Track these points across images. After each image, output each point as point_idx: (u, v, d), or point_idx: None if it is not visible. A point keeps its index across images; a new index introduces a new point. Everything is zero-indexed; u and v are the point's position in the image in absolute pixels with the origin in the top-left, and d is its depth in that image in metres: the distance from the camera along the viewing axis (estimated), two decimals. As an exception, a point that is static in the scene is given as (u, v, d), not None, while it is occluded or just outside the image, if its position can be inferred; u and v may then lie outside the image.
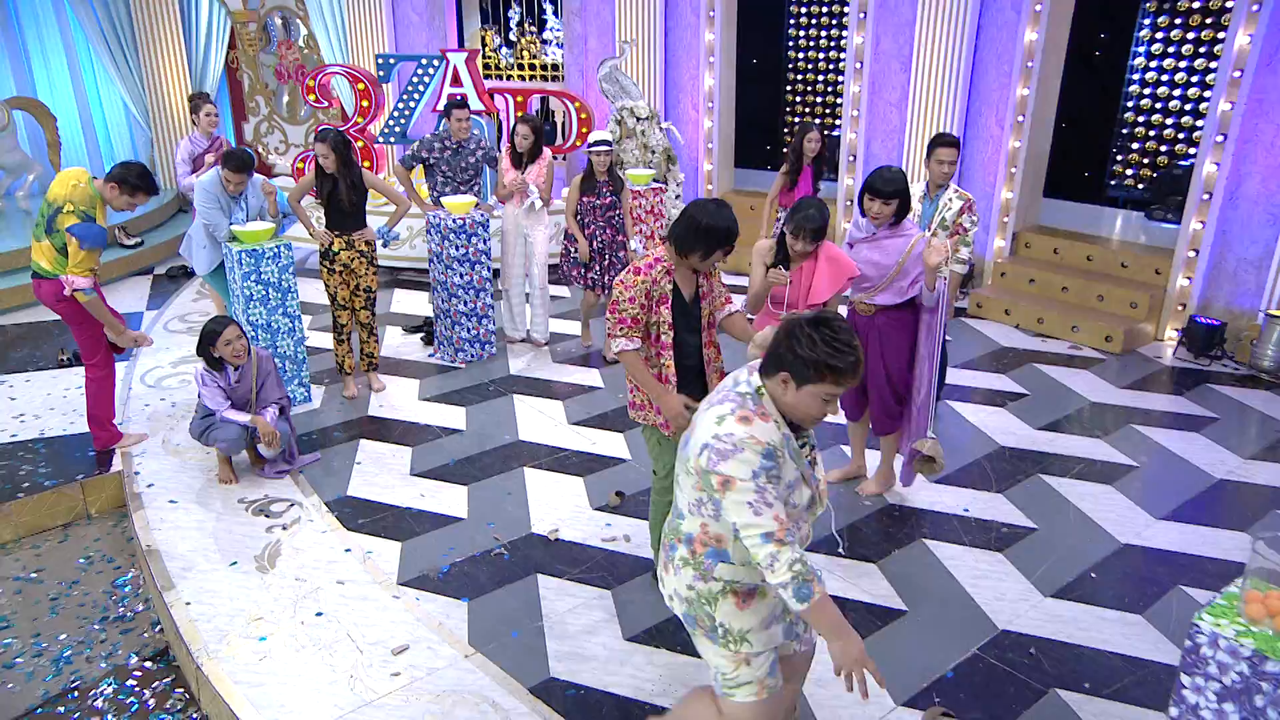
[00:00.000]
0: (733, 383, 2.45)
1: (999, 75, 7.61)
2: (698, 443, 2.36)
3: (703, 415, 2.42)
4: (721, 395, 2.43)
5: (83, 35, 10.77)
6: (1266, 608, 2.16)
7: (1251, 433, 5.60)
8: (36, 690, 3.77)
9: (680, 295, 3.61)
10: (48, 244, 4.81)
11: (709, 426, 2.34)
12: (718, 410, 2.37)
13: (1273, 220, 6.45)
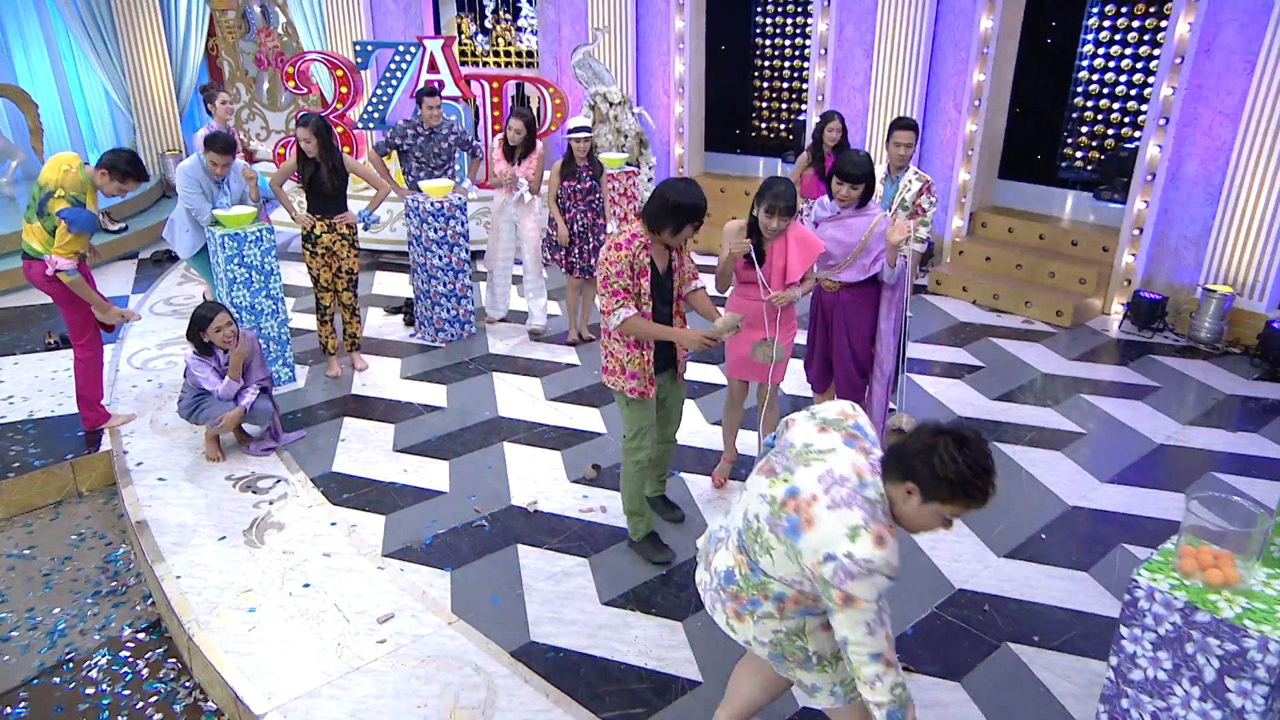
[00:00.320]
0: (856, 480, 2.18)
1: (956, 61, 7.63)
2: (818, 548, 2.14)
3: (826, 513, 2.16)
4: (847, 495, 2.16)
5: (62, 23, 10.52)
6: (1198, 562, 2.22)
7: (1190, 400, 5.71)
8: (32, 662, 3.74)
9: (656, 269, 3.68)
10: (38, 226, 4.74)
11: (837, 536, 2.11)
12: (848, 518, 2.13)
13: (1210, 200, 6.54)
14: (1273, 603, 2.15)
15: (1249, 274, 6.35)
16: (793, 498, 2.24)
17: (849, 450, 2.26)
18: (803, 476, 2.25)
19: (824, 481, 2.21)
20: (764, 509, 2.31)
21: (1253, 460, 4.95)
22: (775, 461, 2.38)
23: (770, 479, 2.34)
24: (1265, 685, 2.07)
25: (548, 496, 4.56)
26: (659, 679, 3.35)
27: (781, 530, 2.24)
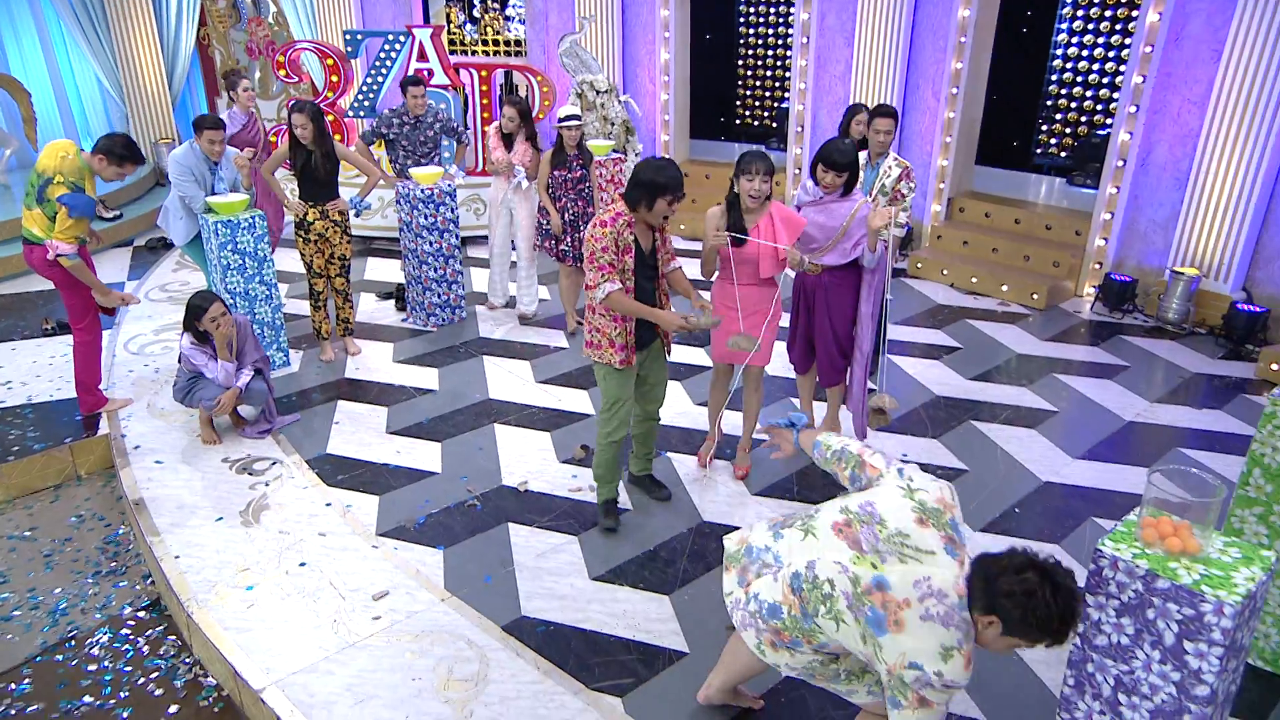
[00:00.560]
0: (956, 599, 2.15)
1: (935, 50, 7.63)
2: (905, 654, 2.13)
3: (919, 624, 2.13)
4: (945, 612, 2.13)
5: (54, 11, 10.37)
6: (1159, 532, 2.26)
7: (1158, 378, 5.78)
8: (35, 640, 3.75)
9: (640, 247, 3.76)
10: (39, 212, 4.72)
11: (929, 651, 2.11)
12: (943, 636, 2.12)
13: (1178, 185, 6.59)
14: (1228, 569, 2.19)
15: (1215, 257, 6.40)
16: (880, 590, 2.17)
17: (950, 561, 2.19)
18: (895, 573, 2.18)
19: (919, 589, 2.15)
20: (843, 582, 2.23)
21: (1217, 436, 5.02)
22: (862, 533, 2.27)
23: (856, 554, 2.25)
24: (1220, 647, 2.12)
25: (538, 476, 4.58)
26: (647, 650, 3.39)
27: (863, 616, 2.19)
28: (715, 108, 9.86)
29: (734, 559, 2.62)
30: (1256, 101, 5.96)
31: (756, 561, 2.53)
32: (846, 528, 2.31)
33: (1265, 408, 3.08)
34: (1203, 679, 2.16)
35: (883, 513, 2.28)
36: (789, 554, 2.42)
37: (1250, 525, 3.19)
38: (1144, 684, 2.26)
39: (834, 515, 2.38)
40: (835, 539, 2.31)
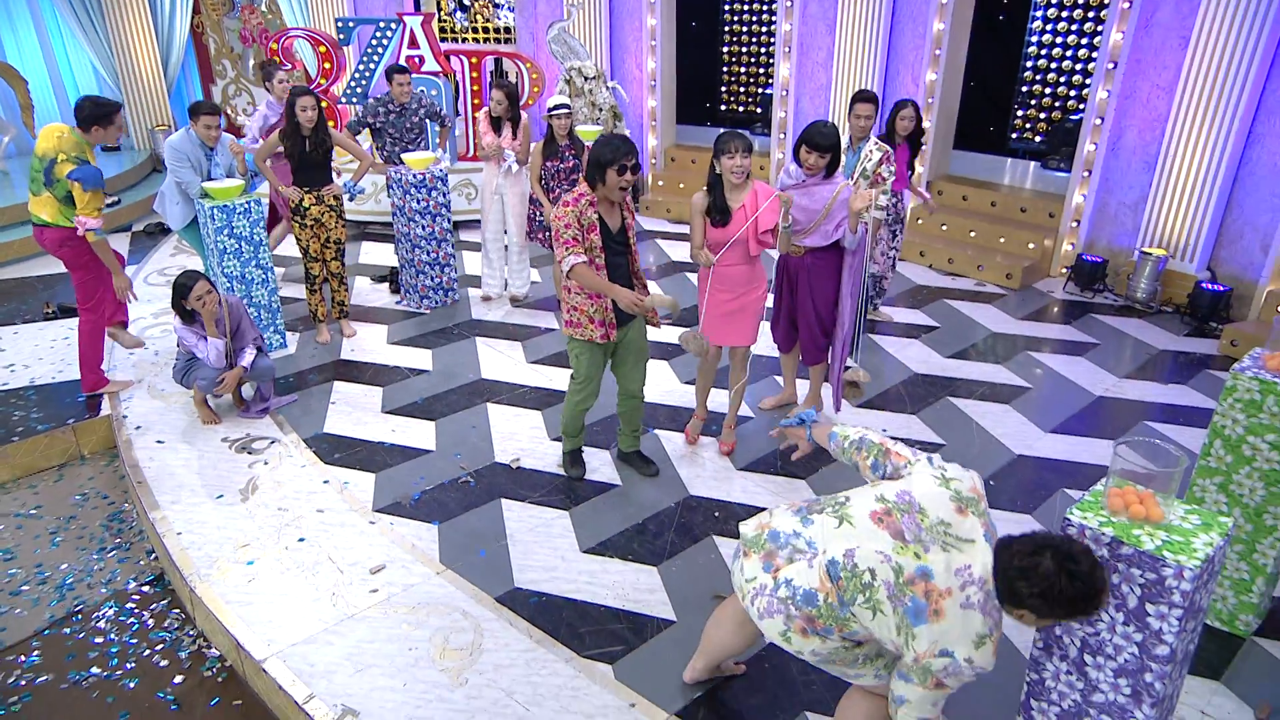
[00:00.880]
0: (994, 588, 2.12)
1: (914, 38, 7.60)
2: (938, 640, 2.11)
3: (958, 611, 2.11)
4: (982, 600, 2.11)
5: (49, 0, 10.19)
6: (1124, 501, 2.29)
7: (1126, 355, 5.83)
8: (43, 614, 3.75)
9: (606, 225, 3.79)
10: (48, 195, 4.71)
11: (962, 638, 2.10)
12: (977, 624, 2.10)
13: (1147, 168, 6.61)
14: (1189, 535, 2.23)
15: (1181, 238, 6.44)
16: (924, 579, 2.13)
17: (988, 548, 2.16)
18: (938, 561, 2.14)
19: (960, 577, 2.12)
20: (885, 572, 2.19)
21: (1181, 410, 5.07)
22: (903, 522, 2.22)
23: (899, 544, 2.20)
24: (1179, 609, 2.16)
25: (529, 453, 4.59)
26: (636, 619, 3.42)
27: (902, 607, 2.15)
28: (701, 94, 9.81)
29: (755, 544, 2.49)
30: (1222, 87, 5.98)
31: (786, 547, 2.42)
32: (887, 516, 2.25)
33: (1226, 382, 3.11)
34: (1163, 639, 2.20)
35: (922, 501, 2.23)
36: (823, 541, 2.34)
37: (1211, 494, 3.24)
38: (1108, 645, 2.30)
39: (871, 504, 2.31)
40: (875, 528, 2.25)
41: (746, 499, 4.19)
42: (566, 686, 3.07)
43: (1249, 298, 6.19)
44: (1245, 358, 3.19)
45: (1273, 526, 3.15)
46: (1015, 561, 2.06)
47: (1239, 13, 5.80)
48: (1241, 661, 3.23)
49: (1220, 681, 3.13)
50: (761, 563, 2.44)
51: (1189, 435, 4.72)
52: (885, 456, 2.49)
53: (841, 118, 7.98)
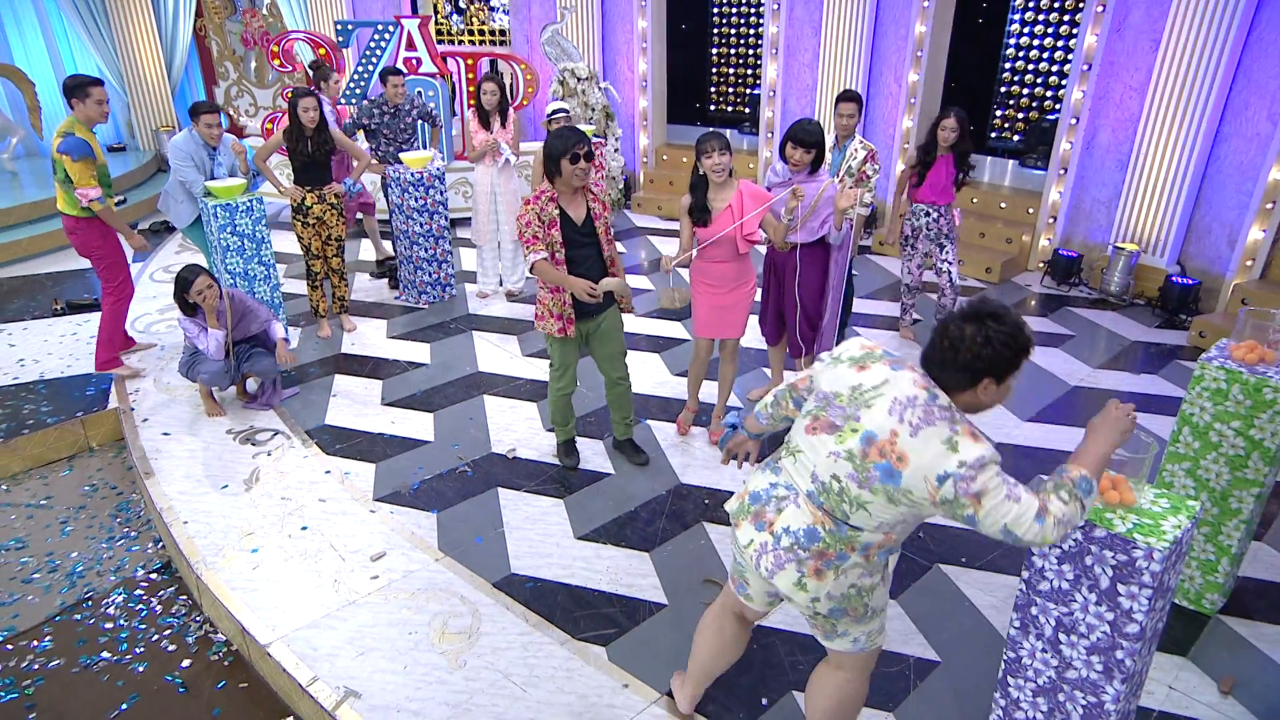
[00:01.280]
0: (925, 394, 2.04)
1: (896, 40, 7.59)
2: (927, 475, 1.99)
3: (913, 441, 2.01)
4: (923, 413, 2.02)
5: (55, 3, 10.10)
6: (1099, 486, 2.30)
7: (1100, 346, 5.85)
8: (54, 601, 3.74)
9: (569, 218, 3.77)
10: (58, 185, 4.79)
11: (939, 455, 1.98)
12: (937, 434, 1.99)
13: (1120, 166, 6.63)
14: (1158, 518, 2.24)
15: (1153, 233, 6.47)
16: (871, 444, 2.06)
17: (900, 372, 2.10)
18: (871, 419, 2.08)
19: (895, 412, 2.05)
20: (843, 467, 2.11)
21: (1152, 398, 5.10)
22: (829, 415, 2.17)
23: (835, 434, 2.14)
24: (1149, 589, 2.17)
25: (525, 444, 4.59)
26: (629, 603, 3.42)
27: (875, 480, 2.06)
28: (691, 94, 9.78)
29: (742, 513, 2.40)
30: (1192, 88, 5.99)
31: (770, 500, 2.33)
32: (816, 422, 2.21)
33: (1194, 372, 3.13)
34: (1133, 618, 2.22)
35: (830, 388, 2.20)
36: (796, 479, 2.28)
37: (1179, 479, 3.26)
38: (1081, 624, 2.31)
39: (803, 424, 2.27)
40: (815, 438, 2.20)
41: (735, 486, 4.20)
42: (561, 668, 3.08)
43: (1217, 291, 6.22)
44: (1212, 348, 3.20)
45: (1237, 509, 3.18)
46: (946, 346, 2.03)
47: (1207, 17, 5.81)
48: (1207, 638, 3.26)
49: (1187, 657, 3.16)
50: (753, 524, 2.35)
51: (1159, 423, 4.75)
52: (796, 390, 2.45)
53: (827, 117, 7.98)
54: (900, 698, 2.99)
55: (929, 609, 3.40)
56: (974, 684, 3.02)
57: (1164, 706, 2.95)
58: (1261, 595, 3.48)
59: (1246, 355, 3.09)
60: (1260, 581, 3.55)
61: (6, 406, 4.99)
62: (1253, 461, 3.09)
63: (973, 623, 3.33)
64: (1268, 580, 3.57)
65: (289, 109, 5.40)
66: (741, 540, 2.37)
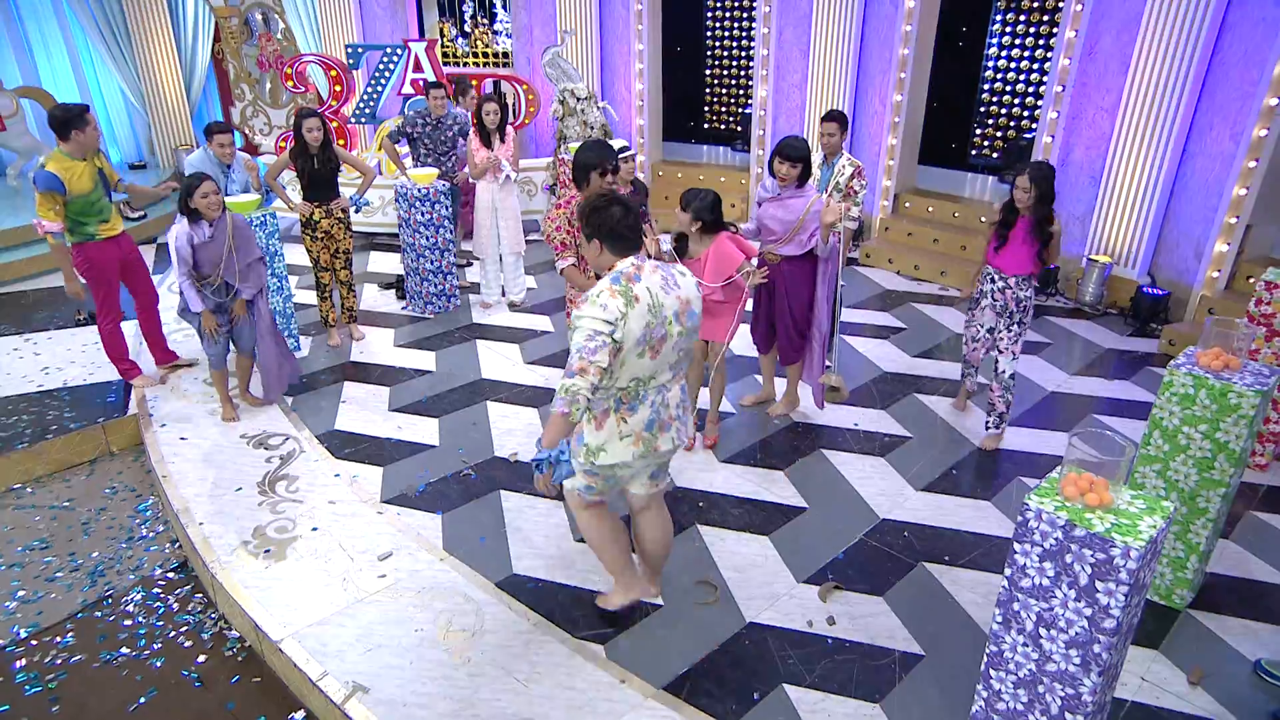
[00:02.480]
0: (664, 269, 2.79)
1: (881, 61, 7.62)
2: (694, 291, 2.85)
3: (680, 288, 2.80)
4: (669, 275, 2.80)
5: (80, 28, 10.11)
6: (1078, 488, 2.29)
7: (1076, 354, 5.85)
8: (76, 599, 3.71)
9: None
10: (114, 208, 4.90)
11: (689, 284, 2.87)
12: (679, 273, 2.87)
13: (1093, 183, 6.65)
14: (1134, 518, 2.24)
15: (1125, 246, 6.48)
16: (679, 317, 2.77)
17: (641, 279, 2.71)
18: (669, 306, 2.73)
19: (670, 290, 2.75)
20: (684, 341, 2.82)
21: (1124, 403, 5.10)
22: (654, 336, 2.69)
23: (667, 339, 2.74)
24: (1126, 586, 2.16)
25: (527, 449, 4.57)
26: (625, 600, 3.40)
27: (688, 325, 2.82)
28: (686, 113, 9.79)
29: (651, 440, 2.85)
30: (1159, 109, 6.01)
31: (660, 412, 2.85)
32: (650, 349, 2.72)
33: (1164, 378, 3.13)
34: (1110, 614, 2.21)
35: (639, 325, 2.65)
36: (659, 382, 2.84)
37: (1150, 480, 3.25)
38: (1061, 619, 2.31)
39: (640, 362, 2.74)
40: (658, 357, 2.76)
41: (729, 489, 4.19)
42: (562, 665, 3.06)
43: (1185, 301, 6.23)
44: (1180, 355, 3.21)
45: (1205, 509, 3.18)
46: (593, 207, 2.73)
47: (1173, 43, 5.83)
48: (1178, 632, 3.25)
49: (1159, 650, 3.16)
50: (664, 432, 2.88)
51: (1132, 426, 4.75)
52: (599, 374, 2.71)
53: (815, 134, 8.00)
54: (886, 690, 2.97)
55: (914, 605, 3.39)
56: (957, 676, 3.01)
57: (1137, 697, 2.94)
58: (1229, 591, 3.47)
59: (1212, 362, 3.10)
60: (1227, 577, 3.55)
61: (32, 412, 4.96)
62: (1219, 463, 3.09)
63: (956, 618, 3.32)
64: (1234, 576, 3.56)
65: (295, 130, 5.40)
66: (665, 446, 2.88)
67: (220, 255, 4.50)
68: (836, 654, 3.14)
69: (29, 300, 6.97)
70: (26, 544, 4.10)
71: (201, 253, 4.45)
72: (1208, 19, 5.66)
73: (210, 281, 4.53)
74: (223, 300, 4.60)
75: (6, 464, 4.55)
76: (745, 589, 3.47)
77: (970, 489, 4.20)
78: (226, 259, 4.51)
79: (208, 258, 4.48)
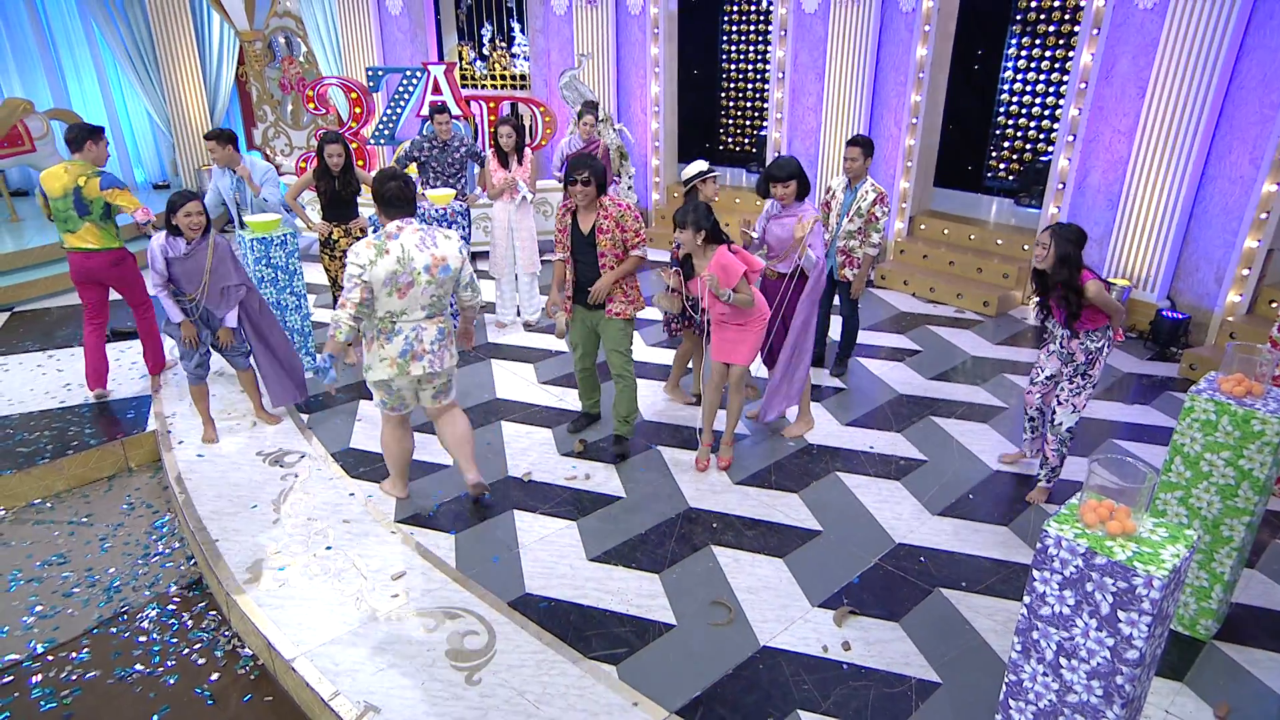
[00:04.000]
0: (422, 229, 3.60)
1: (896, 84, 7.65)
2: (456, 256, 3.67)
3: (438, 247, 3.62)
4: (430, 235, 3.61)
5: (110, 53, 10.34)
6: (1098, 515, 2.26)
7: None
8: (92, 615, 3.73)
9: (577, 228, 4.31)
10: (88, 225, 4.96)
11: (454, 247, 3.71)
12: (443, 235, 3.67)
13: (1110, 205, 6.61)
14: (1157, 547, 2.20)
15: (1143, 269, 6.43)
16: (429, 270, 3.57)
17: (399, 236, 3.55)
18: (420, 260, 3.54)
19: (425, 248, 3.57)
20: (430, 291, 3.61)
21: (1145, 428, 5.03)
22: (401, 282, 3.53)
23: (414, 285, 3.56)
24: (1149, 615, 2.12)
25: (540, 468, 4.57)
26: (639, 623, 3.38)
27: (442, 277, 3.62)
28: (701, 135, 9.86)
29: (404, 365, 3.71)
30: (1177, 131, 5.99)
31: (412, 343, 3.69)
32: (399, 290, 3.60)
33: (1185, 403, 3.09)
34: (1133, 644, 2.16)
35: (388, 271, 3.53)
36: (414, 320, 3.69)
37: (1172, 507, 3.20)
38: (1082, 649, 2.26)
39: (390, 301, 3.60)
40: (407, 297, 3.63)
41: (743, 511, 4.16)
42: (574, 686, 3.03)
43: (1206, 325, 6.17)
44: (1202, 381, 3.17)
45: (1229, 537, 3.12)
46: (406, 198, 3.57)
47: (1191, 66, 5.82)
48: (1202, 664, 3.18)
49: (1183, 682, 3.09)
50: (416, 360, 3.71)
51: (1152, 452, 4.68)
52: (361, 304, 3.57)
53: (830, 157, 8.03)
54: (903, 718, 2.92)
55: (930, 632, 3.34)
56: (975, 706, 2.95)
57: (1163, 731, 2.88)
58: (1255, 622, 3.40)
59: (1235, 388, 3.06)
60: (1254, 608, 3.48)
61: (54, 428, 5.02)
62: (1243, 491, 3.04)
63: (973, 646, 3.27)
64: (1261, 607, 3.49)
65: (317, 152, 5.48)
66: (416, 371, 3.70)
67: (199, 275, 4.47)
68: (852, 680, 3.09)
69: (53, 317, 7.07)
70: (45, 559, 4.13)
71: (177, 267, 4.41)
72: (1226, 42, 5.64)
73: (189, 300, 4.51)
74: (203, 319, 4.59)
75: (28, 479, 4.60)
76: (759, 611, 3.44)
77: (987, 514, 4.15)
78: (208, 281, 4.49)
79: (184, 275, 4.44)
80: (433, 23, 10.40)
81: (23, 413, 5.22)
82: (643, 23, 9.11)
